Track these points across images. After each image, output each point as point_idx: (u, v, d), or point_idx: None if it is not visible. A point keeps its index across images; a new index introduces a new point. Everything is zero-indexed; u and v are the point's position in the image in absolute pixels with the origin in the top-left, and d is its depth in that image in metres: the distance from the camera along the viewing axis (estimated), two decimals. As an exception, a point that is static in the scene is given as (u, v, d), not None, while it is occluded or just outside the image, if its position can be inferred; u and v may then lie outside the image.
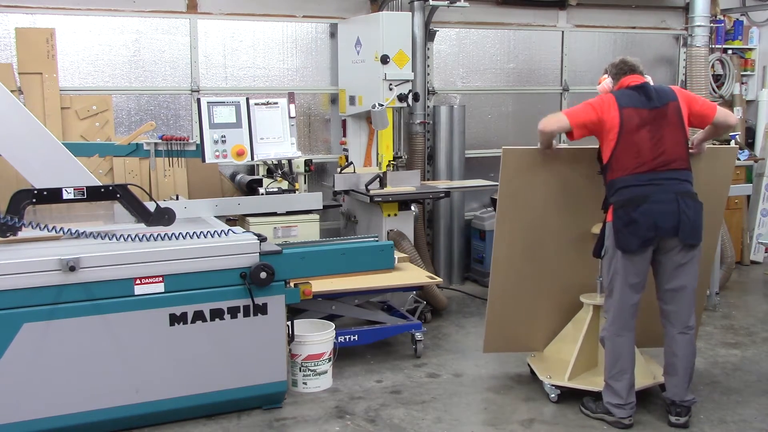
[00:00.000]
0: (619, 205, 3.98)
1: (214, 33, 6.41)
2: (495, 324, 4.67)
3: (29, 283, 3.67)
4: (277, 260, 4.12)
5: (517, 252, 4.52)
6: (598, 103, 4.09)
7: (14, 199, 3.98)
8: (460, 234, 7.14)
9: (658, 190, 3.94)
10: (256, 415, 4.25)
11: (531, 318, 4.71)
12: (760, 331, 5.75)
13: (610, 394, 4.13)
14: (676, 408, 4.11)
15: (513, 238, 4.49)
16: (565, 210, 4.48)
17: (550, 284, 4.64)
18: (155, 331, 3.94)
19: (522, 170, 4.38)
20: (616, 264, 4.02)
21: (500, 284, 4.57)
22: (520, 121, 7.71)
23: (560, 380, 4.44)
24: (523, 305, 4.66)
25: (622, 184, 3.98)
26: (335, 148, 6.84)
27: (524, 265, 4.55)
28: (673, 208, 3.91)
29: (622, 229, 3.96)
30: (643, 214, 3.91)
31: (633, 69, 4.16)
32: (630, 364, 4.10)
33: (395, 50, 5.89)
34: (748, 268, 7.72)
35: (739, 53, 8.47)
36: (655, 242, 3.96)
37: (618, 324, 4.07)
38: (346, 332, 4.95)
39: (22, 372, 3.71)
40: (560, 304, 4.67)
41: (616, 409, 4.09)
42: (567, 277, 4.63)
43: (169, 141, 5.08)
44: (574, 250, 4.54)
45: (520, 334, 4.75)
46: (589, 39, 7.93)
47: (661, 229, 3.92)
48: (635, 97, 4.04)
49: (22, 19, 5.81)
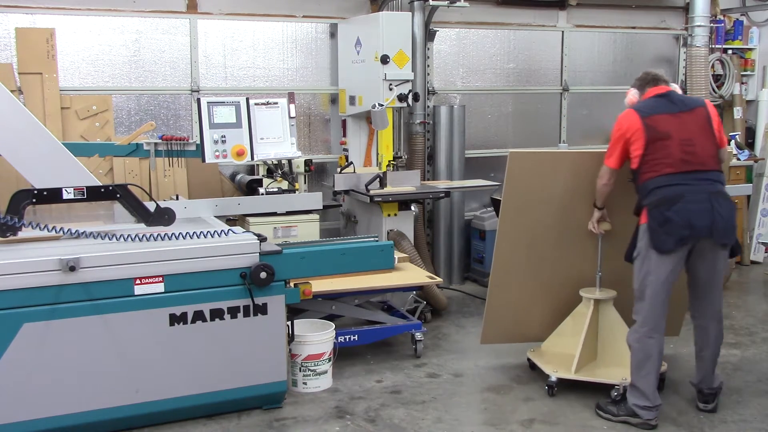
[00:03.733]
0: (654, 206, 4.01)
1: (214, 33, 6.41)
2: (493, 316, 4.78)
3: (29, 283, 3.67)
4: (277, 260, 4.12)
5: (518, 248, 4.63)
6: (618, 128, 4.18)
7: (14, 199, 3.98)
8: (460, 234, 7.14)
9: (691, 190, 3.97)
10: (256, 415, 4.25)
11: (529, 311, 4.82)
12: (760, 331, 5.75)
13: (637, 396, 4.11)
14: (704, 395, 4.25)
15: (515, 235, 4.60)
16: (564, 208, 4.57)
17: (548, 278, 4.75)
18: (155, 331, 3.94)
19: (527, 172, 4.50)
20: (649, 265, 4.03)
21: (500, 278, 4.68)
22: (520, 121, 7.71)
23: (567, 374, 4.48)
24: (522, 298, 4.77)
25: (655, 185, 4.02)
26: (335, 148, 6.84)
27: (525, 260, 4.68)
28: (707, 208, 3.94)
29: (657, 228, 3.97)
30: (678, 213, 3.93)
31: (656, 79, 4.24)
32: (657, 366, 4.11)
33: (395, 50, 5.89)
34: (748, 268, 7.72)
35: (739, 53, 8.48)
36: (690, 242, 3.99)
37: (649, 325, 4.07)
38: (346, 332, 4.95)
39: (22, 372, 3.71)
40: (558, 298, 4.77)
41: (643, 411, 4.08)
42: (565, 271, 4.72)
43: (169, 141, 5.07)
44: (573, 245, 4.65)
45: (518, 326, 4.86)
46: (589, 39, 7.93)
47: (695, 228, 3.93)
48: (659, 104, 4.13)
49: (22, 19, 5.81)
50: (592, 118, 8.05)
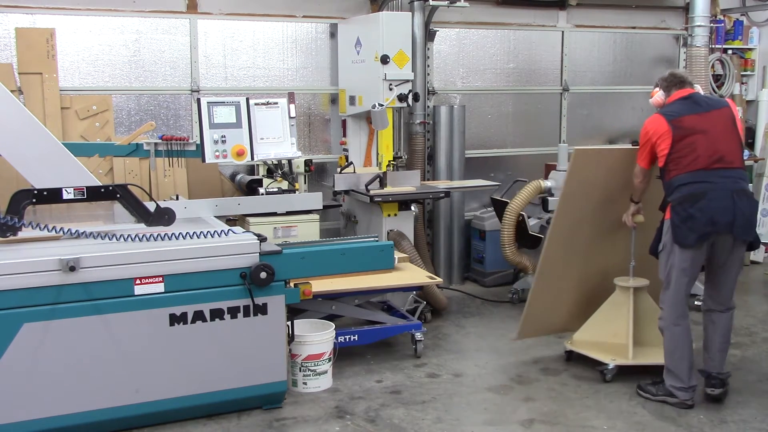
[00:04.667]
0: (678, 202, 4.21)
1: (214, 33, 6.41)
2: (533, 312, 5.00)
3: (29, 283, 3.67)
4: (277, 260, 4.12)
5: (567, 244, 4.91)
6: (645, 132, 4.39)
7: (14, 199, 3.98)
8: (460, 234, 7.14)
9: (715, 187, 4.17)
10: (256, 415, 4.25)
11: (562, 303, 5.12)
12: (760, 331, 5.75)
13: (672, 378, 4.37)
14: (713, 380, 4.40)
15: (566, 231, 4.86)
16: (604, 202, 4.84)
17: (580, 271, 5.04)
18: (155, 331, 3.94)
19: (589, 168, 4.76)
20: (673, 258, 4.26)
21: (546, 274, 4.91)
22: (520, 121, 7.72)
23: (625, 360, 4.71)
24: (558, 292, 5.06)
25: (680, 182, 4.22)
26: (335, 148, 6.84)
27: (568, 254, 4.95)
28: (729, 205, 4.15)
29: (680, 224, 4.19)
30: (701, 210, 4.13)
31: (682, 81, 4.44)
32: (688, 349, 4.35)
33: (395, 50, 5.89)
34: (748, 268, 7.71)
35: (739, 53, 8.48)
36: (712, 238, 4.21)
37: (675, 313, 4.32)
38: (346, 332, 4.95)
39: (22, 372, 3.71)
40: (587, 289, 5.10)
41: (680, 392, 4.34)
42: (596, 263, 5.03)
43: (169, 141, 5.07)
44: (604, 238, 4.96)
45: (551, 319, 5.16)
46: (589, 39, 7.93)
47: (717, 225, 4.15)
48: (684, 106, 4.33)
49: (22, 19, 5.81)
50: (592, 118, 8.06)
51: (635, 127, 8.10)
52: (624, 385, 4.66)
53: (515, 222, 6.00)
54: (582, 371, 4.88)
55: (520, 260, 6.20)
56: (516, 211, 5.96)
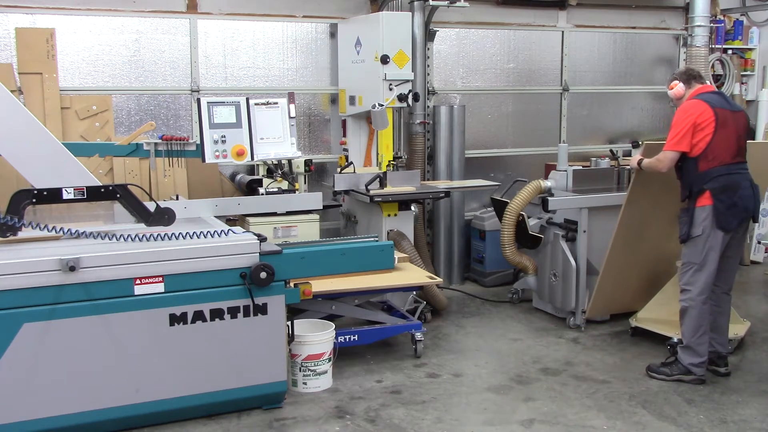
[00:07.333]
0: (719, 191, 4.52)
1: (214, 33, 6.42)
2: (602, 293, 5.56)
3: (29, 283, 3.67)
4: (277, 260, 4.12)
5: (634, 232, 5.38)
6: (688, 115, 4.54)
7: (14, 199, 3.98)
8: (460, 234, 7.14)
9: (742, 178, 4.60)
10: (256, 415, 4.25)
11: (627, 285, 5.65)
12: (760, 331, 5.75)
13: (691, 355, 4.65)
14: (721, 358, 4.78)
15: (637, 221, 5.32)
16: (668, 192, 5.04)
17: (646, 255, 5.57)
18: (155, 331, 3.94)
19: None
20: (713, 241, 4.56)
21: (615, 258, 5.40)
22: (520, 121, 7.72)
23: None
24: (624, 274, 5.57)
25: (718, 173, 4.52)
26: (335, 148, 6.84)
27: (636, 242, 5.44)
28: (751, 194, 4.62)
29: (725, 211, 4.52)
30: (741, 198, 4.55)
31: (701, 76, 4.78)
32: (708, 325, 4.67)
33: (395, 50, 5.89)
34: (748, 268, 7.71)
35: (739, 53, 8.48)
36: (745, 223, 4.67)
37: (706, 293, 4.63)
38: (346, 332, 4.95)
39: (22, 372, 3.71)
40: (648, 271, 5.65)
41: (697, 368, 4.65)
42: (661, 248, 5.55)
43: (169, 141, 5.07)
44: (670, 224, 5.21)
45: (618, 299, 5.72)
46: (589, 39, 7.93)
47: (748, 211, 4.62)
48: (720, 100, 4.65)
49: (22, 19, 5.81)
50: (592, 118, 8.06)
51: (635, 127, 8.13)
52: (624, 385, 4.67)
53: (515, 222, 6.00)
54: (582, 371, 4.89)
55: (520, 260, 6.19)
56: (516, 211, 5.96)
